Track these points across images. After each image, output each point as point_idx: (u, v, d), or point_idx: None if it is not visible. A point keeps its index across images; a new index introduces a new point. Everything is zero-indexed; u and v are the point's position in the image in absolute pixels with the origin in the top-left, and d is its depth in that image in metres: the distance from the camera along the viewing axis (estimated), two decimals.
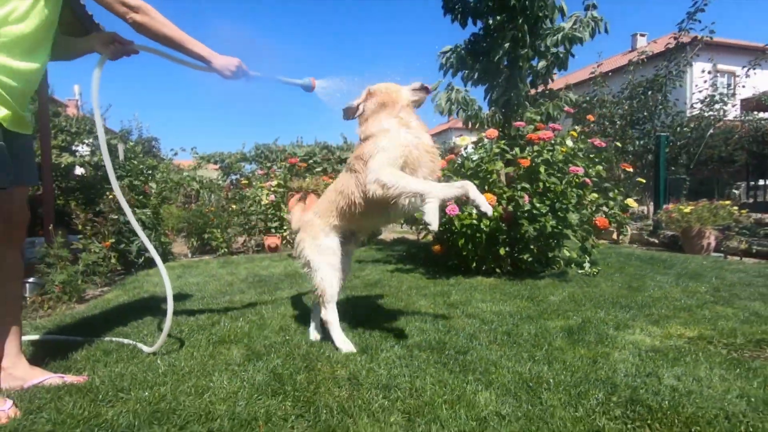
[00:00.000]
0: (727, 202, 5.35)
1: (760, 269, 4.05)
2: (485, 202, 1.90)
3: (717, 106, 8.30)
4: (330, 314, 2.23)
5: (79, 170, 8.26)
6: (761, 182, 17.02)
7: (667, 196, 8.30)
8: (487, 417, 1.49)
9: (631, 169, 4.24)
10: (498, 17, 4.03)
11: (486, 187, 3.86)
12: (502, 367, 1.90)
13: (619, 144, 7.19)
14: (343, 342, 2.20)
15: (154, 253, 2.13)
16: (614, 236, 6.57)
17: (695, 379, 1.73)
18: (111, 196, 4.39)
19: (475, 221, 3.55)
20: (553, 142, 3.99)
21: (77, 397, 1.65)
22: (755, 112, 10.85)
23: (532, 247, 3.79)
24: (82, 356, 2.12)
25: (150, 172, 9.80)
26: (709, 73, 8.47)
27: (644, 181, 6.50)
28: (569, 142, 4.23)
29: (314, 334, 2.39)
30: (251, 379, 1.82)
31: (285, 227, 6.62)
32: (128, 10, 1.78)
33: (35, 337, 2.40)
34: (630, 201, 4.06)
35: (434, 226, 1.87)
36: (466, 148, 4.39)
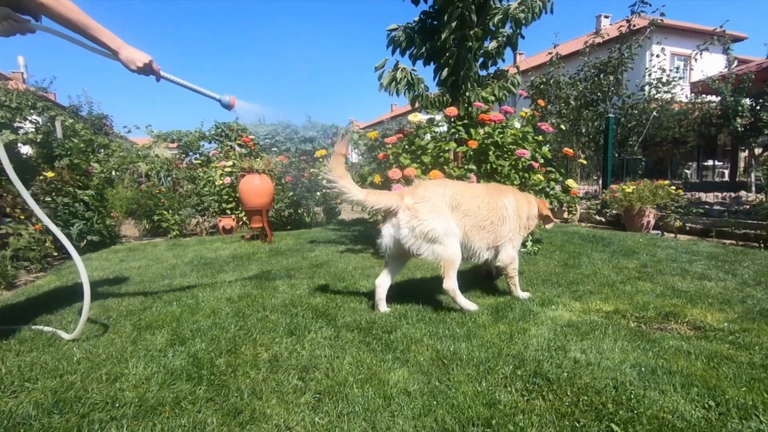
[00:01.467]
0: (666, 182, 5.61)
1: (688, 246, 4.30)
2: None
3: (665, 88, 8.60)
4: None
5: (25, 149, 7.78)
6: (709, 162, 17.99)
7: (624, 176, 8.63)
8: (394, 394, 1.54)
9: (571, 153, 4.36)
10: None
11: (439, 167, 3.89)
12: (422, 345, 1.96)
13: (563, 127, 7.37)
14: (468, 304, 2.43)
15: (61, 237, 2.04)
16: (565, 215, 6.80)
17: (598, 352, 1.84)
18: (41, 178, 4.17)
19: None
20: (504, 124, 4.04)
21: None
22: (703, 95, 11.31)
23: None
24: None
25: (102, 150, 9.36)
26: (657, 56, 8.74)
27: (585, 162, 6.69)
28: (517, 124, 4.29)
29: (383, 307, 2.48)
30: (169, 365, 1.80)
31: (240, 209, 6.49)
32: None
33: None
34: (571, 182, 4.18)
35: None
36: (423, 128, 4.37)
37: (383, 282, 2.49)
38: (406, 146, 4.06)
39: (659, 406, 1.40)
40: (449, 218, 2.40)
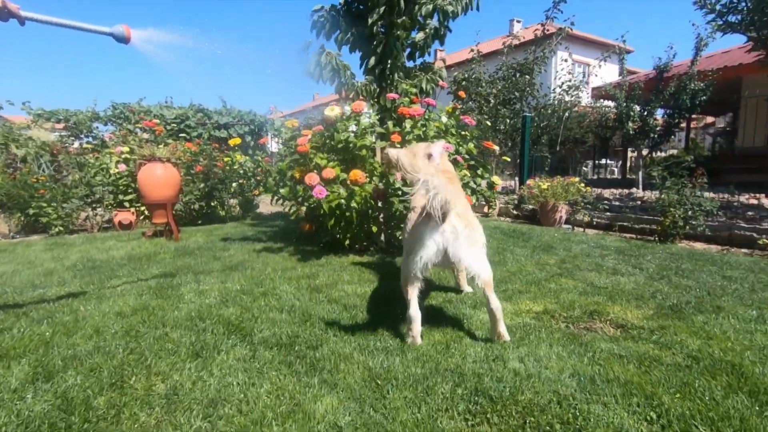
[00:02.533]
0: (576, 179, 5.98)
1: (598, 240, 4.58)
2: None
3: (573, 92, 9.26)
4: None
5: None
6: (603, 161, 20.01)
7: (532, 172, 9.14)
8: (322, 431, 1.31)
9: (496, 148, 4.42)
10: None
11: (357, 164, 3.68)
12: (353, 363, 1.75)
13: (488, 123, 7.60)
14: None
15: None
16: (485, 210, 7.00)
17: (536, 360, 1.76)
18: None
19: (343, 201, 3.35)
20: (426, 117, 3.93)
21: None
22: (602, 100, 12.43)
23: (402, 225, 3.74)
24: None
25: None
26: (565, 61, 9.38)
27: (509, 159, 6.95)
28: (444, 118, 4.22)
29: None
30: (25, 411, 1.39)
31: (140, 202, 5.74)
32: None
33: None
34: (496, 178, 4.22)
35: None
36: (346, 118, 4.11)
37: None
38: (327, 140, 3.79)
39: (605, 423, 1.33)
40: None
